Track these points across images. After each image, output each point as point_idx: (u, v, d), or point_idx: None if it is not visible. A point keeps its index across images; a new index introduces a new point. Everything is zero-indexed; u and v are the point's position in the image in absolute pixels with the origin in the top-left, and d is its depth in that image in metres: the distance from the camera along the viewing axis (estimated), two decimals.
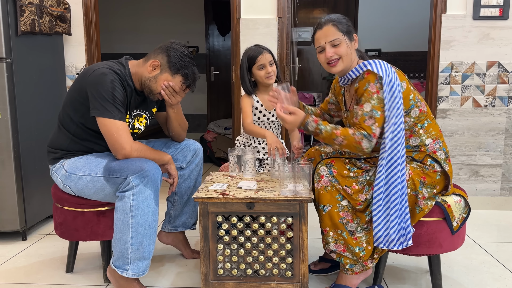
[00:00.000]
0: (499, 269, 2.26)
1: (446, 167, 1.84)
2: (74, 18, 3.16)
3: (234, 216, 1.81)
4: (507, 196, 3.19)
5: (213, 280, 1.85)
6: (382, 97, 1.76)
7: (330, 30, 1.84)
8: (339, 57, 1.85)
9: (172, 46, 1.98)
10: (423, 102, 1.87)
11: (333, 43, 1.84)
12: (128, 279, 1.90)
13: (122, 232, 1.84)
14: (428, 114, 1.88)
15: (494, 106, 3.11)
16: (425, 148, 1.86)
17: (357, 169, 1.86)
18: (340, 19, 1.87)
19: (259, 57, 2.24)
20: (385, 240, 1.78)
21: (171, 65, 1.96)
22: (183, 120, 2.21)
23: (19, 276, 2.21)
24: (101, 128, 1.89)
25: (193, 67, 2.01)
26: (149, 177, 1.83)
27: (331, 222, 1.84)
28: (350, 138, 1.75)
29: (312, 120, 1.81)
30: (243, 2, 3.13)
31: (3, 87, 2.47)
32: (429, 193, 1.82)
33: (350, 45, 1.86)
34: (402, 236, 1.78)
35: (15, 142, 2.55)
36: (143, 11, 6.37)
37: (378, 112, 1.75)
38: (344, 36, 1.84)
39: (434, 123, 1.90)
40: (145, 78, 1.98)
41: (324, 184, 1.83)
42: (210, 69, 6.48)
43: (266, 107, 2.32)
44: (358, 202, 1.81)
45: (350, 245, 1.82)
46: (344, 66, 1.86)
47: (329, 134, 1.79)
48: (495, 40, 3.05)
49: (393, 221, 1.77)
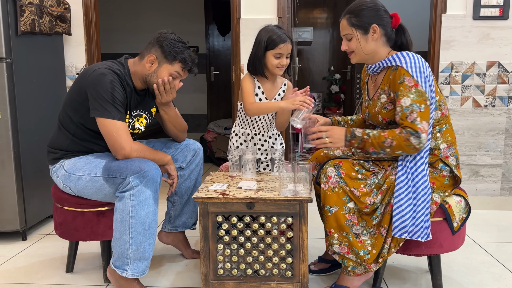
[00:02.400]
0: (499, 269, 2.26)
1: (456, 173, 1.83)
2: (74, 18, 3.16)
3: (234, 216, 1.81)
4: (507, 196, 3.19)
5: (213, 280, 1.85)
6: (422, 90, 1.70)
7: (343, 24, 1.87)
8: (352, 50, 1.87)
9: (161, 36, 1.98)
10: (446, 107, 1.85)
11: (346, 37, 1.87)
12: (128, 279, 1.90)
13: (122, 232, 1.84)
14: (448, 119, 1.86)
15: (494, 106, 3.11)
16: (438, 152, 1.83)
17: (365, 171, 1.84)
18: (358, 9, 1.82)
19: (282, 45, 2.07)
20: (409, 230, 1.74)
21: (167, 54, 1.96)
22: (178, 122, 2.18)
23: (19, 276, 2.21)
24: (100, 129, 1.88)
25: (188, 50, 2.00)
26: (148, 178, 1.83)
27: (337, 224, 1.81)
28: (399, 138, 1.71)
29: (355, 128, 1.80)
30: (243, 2, 3.13)
31: (3, 87, 2.47)
32: (441, 197, 1.81)
33: (365, 39, 1.82)
34: (426, 229, 1.76)
35: (15, 142, 2.55)
36: (143, 11, 6.37)
37: (420, 106, 1.70)
38: (356, 30, 1.82)
39: (452, 129, 1.88)
40: (145, 75, 1.98)
41: (332, 185, 1.81)
42: (210, 69, 6.48)
43: (267, 96, 2.22)
44: (365, 205, 1.79)
45: (355, 248, 1.80)
46: (358, 59, 1.88)
47: (377, 137, 1.74)
48: (495, 40, 3.05)
49: (419, 212, 1.74)
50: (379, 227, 1.81)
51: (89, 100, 1.88)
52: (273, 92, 2.25)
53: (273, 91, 2.25)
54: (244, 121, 2.29)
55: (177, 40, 1.98)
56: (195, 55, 2.04)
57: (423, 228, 1.75)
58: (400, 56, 1.76)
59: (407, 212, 1.73)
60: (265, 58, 2.12)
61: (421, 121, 1.69)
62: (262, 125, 2.27)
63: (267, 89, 2.23)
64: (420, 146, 1.70)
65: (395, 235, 1.75)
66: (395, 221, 1.75)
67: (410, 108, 1.70)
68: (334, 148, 2.01)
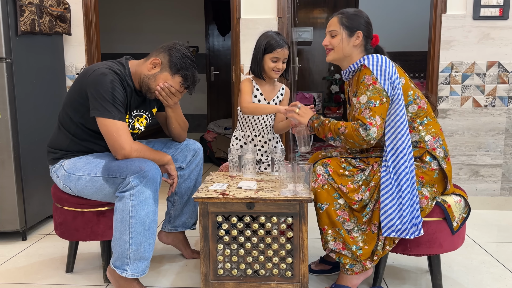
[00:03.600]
0: (499, 269, 2.26)
1: (444, 165, 1.84)
2: (74, 18, 3.16)
3: (234, 216, 1.81)
4: (507, 196, 3.19)
5: (213, 280, 1.85)
6: (379, 87, 1.79)
7: (334, 20, 1.94)
8: (332, 48, 1.94)
9: (175, 46, 1.98)
10: (423, 100, 1.89)
11: (331, 34, 1.94)
12: (127, 279, 1.90)
13: (122, 232, 1.84)
14: (428, 111, 1.90)
15: (494, 106, 3.11)
16: (424, 144, 1.87)
17: (352, 168, 1.88)
18: (351, 14, 1.93)
19: (279, 50, 2.18)
20: (397, 228, 1.77)
21: (172, 64, 1.96)
22: (182, 120, 2.20)
23: (19, 276, 2.21)
24: (100, 128, 1.88)
25: (194, 70, 2.00)
26: (148, 177, 1.83)
27: (329, 220, 1.85)
28: (350, 127, 1.80)
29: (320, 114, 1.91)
30: (243, 2, 3.13)
31: (3, 87, 2.47)
32: (430, 192, 1.82)
33: (347, 40, 1.90)
34: (414, 226, 1.78)
35: (15, 142, 2.55)
36: (143, 11, 6.37)
37: (374, 102, 1.78)
38: (343, 29, 1.90)
39: (435, 121, 1.91)
40: (144, 75, 1.98)
41: (321, 183, 1.85)
42: (210, 69, 6.48)
43: (265, 97, 2.29)
44: (353, 202, 1.82)
45: (348, 243, 1.83)
46: (333, 58, 1.96)
47: (335, 124, 1.86)
48: (495, 40, 3.05)
49: (405, 210, 1.76)
50: (369, 223, 1.84)
51: (89, 100, 1.88)
52: (272, 94, 2.32)
53: (271, 94, 2.32)
54: (244, 124, 2.33)
55: (187, 57, 1.98)
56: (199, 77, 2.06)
57: (411, 225, 1.78)
58: (365, 57, 1.86)
59: (392, 212, 1.77)
60: (263, 61, 2.22)
61: (374, 116, 1.77)
62: (262, 127, 2.31)
63: (266, 91, 2.30)
64: (368, 138, 1.76)
65: (384, 235, 1.79)
66: (382, 220, 1.79)
67: (366, 104, 1.79)
68: (332, 150, 2.08)
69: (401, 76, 1.86)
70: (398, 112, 1.80)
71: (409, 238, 1.80)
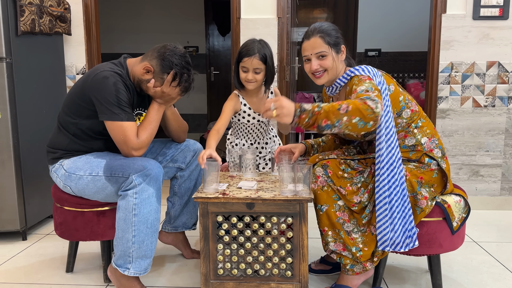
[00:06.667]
0: (499, 269, 2.26)
1: (443, 164, 1.84)
2: (74, 18, 3.16)
3: (234, 216, 1.81)
4: (507, 196, 3.19)
5: (213, 280, 1.85)
6: (375, 83, 1.75)
7: (317, 42, 1.84)
8: (325, 69, 1.87)
9: (166, 53, 1.91)
10: (413, 102, 1.89)
11: (319, 55, 1.85)
12: (129, 278, 1.91)
13: (124, 230, 1.85)
14: (420, 113, 1.90)
15: (494, 106, 3.11)
16: (421, 147, 1.86)
17: (351, 170, 1.87)
18: (329, 30, 1.86)
19: (246, 59, 2.05)
20: (390, 242, 1.79)
21: (164, 71, 1.92)
22: (180, 121, 2.20)
23: (19, 276, 2.21)
24: (109, 131, 1.90)
25: (187, 75, 1.95)
26: (151, 176, 1.84)
27: (329, 221, 1.85)
28: (355, 102, 1.61)
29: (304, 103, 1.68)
30: (243, 2, 3.13)
31: (3, 87, 2.47)
32: (429, 192, 1.82)
33: (337, 58, 1.87)
34: (408, 238, 1.79)
35: (15, 142, 2.55)
36: (143, 11, 6.37)
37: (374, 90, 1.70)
38: (331, 48, 1.85)
39: (428, 121, 1.91)
40: (137, 77, 1.98)
41: (321, 185, 1.84)
42: (210, 69, 6.48)
43: (254, 110, 2.21)
44: (352, 204, 1.82)
45: (348, 245, 1.83)
46: (328, 78, 1.89)
47: (330, 106, 1.62)
48: (495, 40, 3.05)
49: (396, 224, 1.77)
50: (369, 225, 1.84)
51: (95, 104, 1.88)
52: (260, 104, 2.20)
53: (260, 104, 2.20)
54: (238, 133, 2.31)
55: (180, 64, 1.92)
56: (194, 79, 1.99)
57: (404, 238, 1.79)
58: (353, 69, 1.84)
59: (386, 227, 1.77)
60: (238, 71, 2.12)
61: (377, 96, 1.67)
62: (257, 134, 2.30)
63: (254, 103, 2.22)
64: (377, 111, 1.60)
65: (379, 248, 1.81)
66: (377, 234, 1.79)
67: (365, 89, 1.71)
68: (329, 153, 1.99)
69: (390, 82, 1.84)
70: (387, 125, 1.76)
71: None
